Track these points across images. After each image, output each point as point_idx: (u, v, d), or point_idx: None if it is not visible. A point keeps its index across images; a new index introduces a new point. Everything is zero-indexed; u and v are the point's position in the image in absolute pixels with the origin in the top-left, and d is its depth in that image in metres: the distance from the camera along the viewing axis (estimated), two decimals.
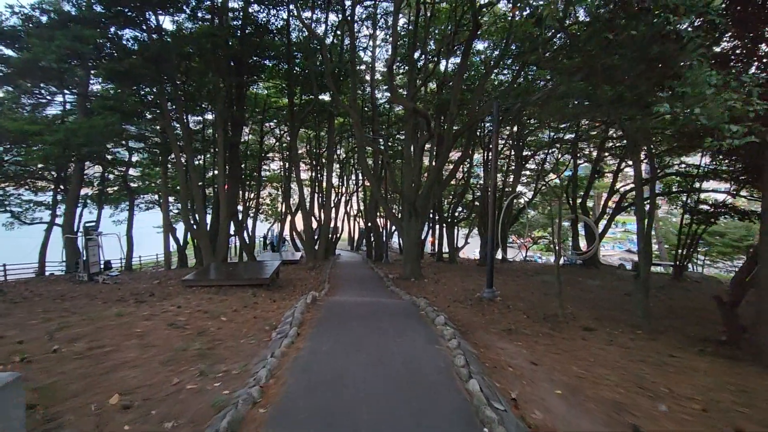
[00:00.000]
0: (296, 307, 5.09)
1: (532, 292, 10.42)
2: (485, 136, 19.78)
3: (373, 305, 6.17)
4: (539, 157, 22.48)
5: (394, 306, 6.27)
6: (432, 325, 4.95)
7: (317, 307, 5.52)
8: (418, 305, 6.15)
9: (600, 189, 27.23)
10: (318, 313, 5.16)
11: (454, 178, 16.51)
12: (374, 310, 5.72)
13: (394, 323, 4.90)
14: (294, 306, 5.30)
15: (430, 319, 5.19)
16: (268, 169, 29.17)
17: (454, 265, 17.55)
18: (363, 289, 9.89)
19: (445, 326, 4.68)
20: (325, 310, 5.36)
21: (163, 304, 6.02)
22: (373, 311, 5.54)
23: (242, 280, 10.24)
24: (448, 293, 9.85)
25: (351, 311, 5.50)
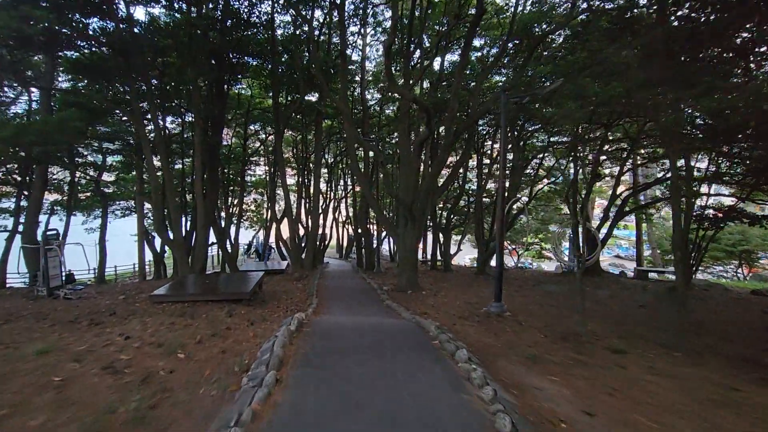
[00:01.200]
0: (277, 337, 4.03)
1: (540, 304, 9.51)
2: (479, 139, 18.99)
3: (370, 329, 5.11)
4: (535, 162, 21.83)
5: (395, 329, 5.22)
6: (450, 360, 3.91)
7: (303, 336, 4.45)
8: (426, 328, 5.13)
9: (593, 194, 26.73)
10: (304, 344, 4.10)
11: (454, 180, 15.61)
12: (373, 337, 4.66)
13: (401, 359, 3.84)
14: (275, 334, 4.23)
15: (446, 352, 4.15)
16: (253, 173, 27.94)
17: (450, 274, 16.58)
18: (355, 304, 8.82)
19: (469, 364, 3.66)
20: (312, 340, 4.28)
21: (113, 331, 4.87)
22: (373, 340, 4.48)
23: (219, 295, 9.08)
24: (449, 307, 8.86)
25: (345, 340, 4.42)
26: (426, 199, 9.98)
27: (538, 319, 8.03)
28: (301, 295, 10.82)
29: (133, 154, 17.05)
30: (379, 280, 14.14)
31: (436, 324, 5.16)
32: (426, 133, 8.38)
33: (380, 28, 17.23)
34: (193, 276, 11.39)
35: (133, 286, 14.57)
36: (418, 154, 10.20)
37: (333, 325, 5.32)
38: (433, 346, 4.32)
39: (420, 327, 5.35)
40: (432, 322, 5.51)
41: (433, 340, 4.57)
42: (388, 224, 11.12)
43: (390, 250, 30.92)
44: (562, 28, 11.70)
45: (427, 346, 4.32)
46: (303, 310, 8.64)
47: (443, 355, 4.07)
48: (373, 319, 6.40)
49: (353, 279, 14.18)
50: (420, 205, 9.94)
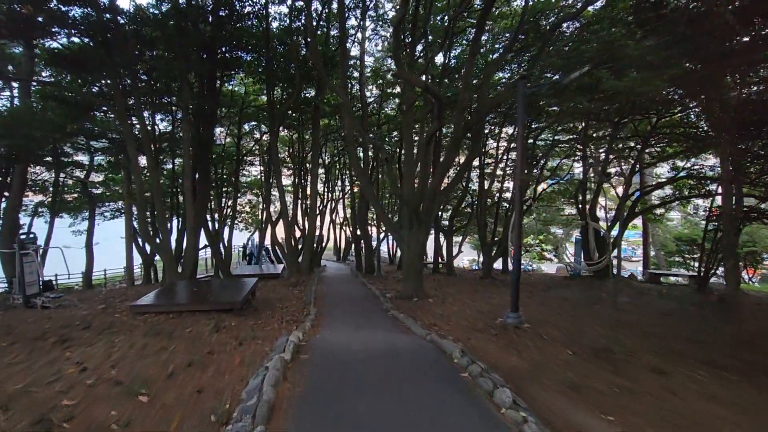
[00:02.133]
0: (267, 369, 3.25)
1: (559, 313, 8.74)
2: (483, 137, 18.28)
3: (380, 354, 4.30)
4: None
5: (410, 353, 4.41)
6: (488, 401, 3.13)
7: (300, 366, 3.64)
8: (447, 351, 4.33)
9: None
10: (301, 379, 3.30)
11: (462, 179, 14.84)
12: (386, 365, 3.85)
13: (426, 402, 3.01)
14: (265, 364, 3.45)
15: (483, 390, 3.31)
16: (248, 174, 27.09)
17: (454, 278, 15.83)
18: (358, 314, 8.02)
19: (516, 411, 2.86)
20: (311, 372, 3.48)
21: (72, 357, 4.05)
22: (386, 371, 3.68)
23: (208, 304, 8.27)
24: (461, 317, 8.08)
25: (351, 370, 3.61)
26: (433, 200, 9.23)
27: (559, 330, 7.27)
28: (298, 303, 10.02)
29: (120, 153, 16.17)
30: (381, 285, 13.35)
31: (459, 347, 4.36)
32: (436, 126, 7.63)
33: (381, 21, 16.51)
34: (182, 283, 10.55)
35: (119, 293, 13.70)
36: (426, 151, 9.42)
37: (335, 347, 4.53)
38: (462, 379, 3.53)
39: (439, 349, 4.55)
40: (454, 344, 4.71)
41: (460, 371, 3.73)
42: (391, 227, 10.34)
43: (389, 251, 30.12)
44: (575, 17, 11.00)
45: (454, 381, 3.50)
46: (299, 321, 7.85)
47: (478, 394, 3.27)
48: (380, 335, 5.62)
49: (353, 284, 13.39)
50: (427, 207, 9.17)
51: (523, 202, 7.21)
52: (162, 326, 7.08)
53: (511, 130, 19.59)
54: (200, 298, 8.67)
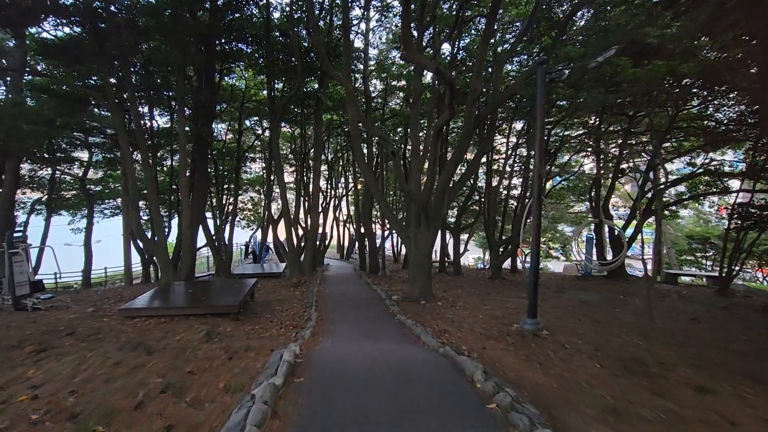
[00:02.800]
0: (254, 400, 2.68)
1: (578, 318, 8.15)
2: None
3: (389, 372, 3.63)
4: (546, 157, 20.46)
5: (423, 371, 3.80)
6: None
7: (294, 392, 3.04)
8: (467, 371, 3.72)
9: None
10: (294, 413, 2.69)
11: (475, 173, 14.22)
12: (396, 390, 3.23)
13: None
14: (252, 390, 2.89)
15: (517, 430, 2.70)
16: (250, 171, 26.57)
17: (462, 279, 15.24)
18: (362, 319, 7.46)
19: None
20: (307, 402, 2.86)
21: (34, 377, 3.51)
22: (397, 397, 3.08)
23: (202, 308, 7.76)
24: (473, 323, 7.51)
25: (353, 401, 2.97)
26: (442, 197, 8.64)
27: (581, 338, 6.68)
28: (299, 305, 9.49)
29: (116, 148, 15.68)
30: (385, 285, 12.80)
31: (481, 368, 3.77)
32: (447, 115, 7.02)
33: (385, 11, 15.88)
34: (178, 284, 10.04)
35: (115, 293, 13.23)
36: (436, 144, 8.80)
37: (337, 363, 3.96)
38: (489, 413, 2.92)
39: (457, 369, 3.95)
40: (473, 361, 4.11)
41: (486, 401, 3.07)
42: (397, 225, 9.77)
43: (393, 249, 29.56)
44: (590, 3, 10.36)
45: (481, 416, 2.84)
46: (299, 326, 7.31)
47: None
48: (387, 347, 5.05)
49: (357, 285, 12.83)
50: (436, 204, 8.58)
51: (541, 198, 6.63)
52: (150, 333, 6.58)
53: (520, 126, 18.99)
54: (195, 301, 8.15)
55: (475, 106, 8.03)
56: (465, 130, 8.00)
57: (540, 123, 6.60)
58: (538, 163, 6.68)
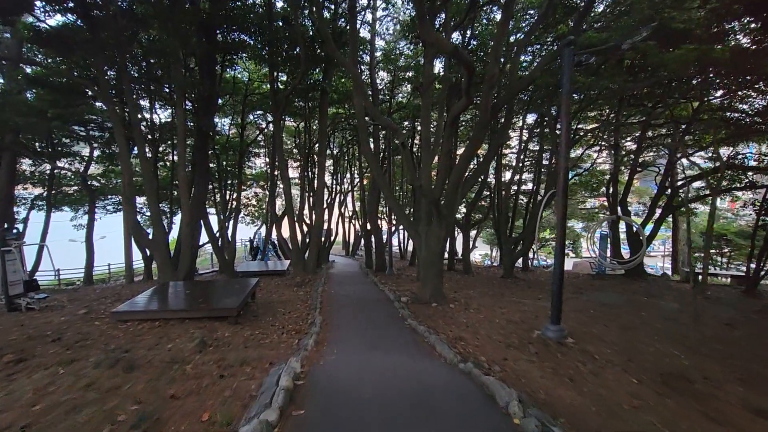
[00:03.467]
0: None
1: (603, 324, 7.54)
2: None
3: (403, 403, 3.05)
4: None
5: (445, 402, 3.13)
6: None
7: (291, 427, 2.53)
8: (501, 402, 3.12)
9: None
10: None
11: (488, 167, 13.58)
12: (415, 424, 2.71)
13: None
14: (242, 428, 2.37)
15: None
16: (254, 166, 26.08)
17: (472, 278, 14.65)
18: (370, 325, 6.91)
19: None
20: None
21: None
22: None
23: (199, 311, 7.27)
24: (490, 328, 6.94)
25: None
26: (456, 192, 8.04)
27: (610, 347, 6.09)
28: (303, 307, 8.98)
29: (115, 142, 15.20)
30: (393, 285, 12.25)
31: (516, 395, 3.19)
32: (464, 102, 6.39)
33: None
34: (176, 284, 9.57)
35: (113, 291, 12.82)
36: (450, 135, 8.13)
37: (343, 386, 3.39)
38: None
39: (485, 393, 3.37)
40: (502, 384, 3.51)
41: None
42: (406, 221, 9.19)
43: (400, 245, 28.98)
44: None
45: None
46: (302, 332, 6.79)
47: None
48: (399, 362, 4.48)
49: (363, 284, 12.30)
50: (449, 199, 7.98)
51: (567, 192, 6.04)
52: (141, 339, 6.11)
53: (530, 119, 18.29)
54: (191, 304, 7.66)
55: (491, 93, 7.39)
56: (481, 121, 7.38)
57: (565, 110, 5.99)
58: (564, 153, 6.07)
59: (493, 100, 7.47)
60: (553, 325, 6.28)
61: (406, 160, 7.83)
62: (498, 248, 35.80)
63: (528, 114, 17.30)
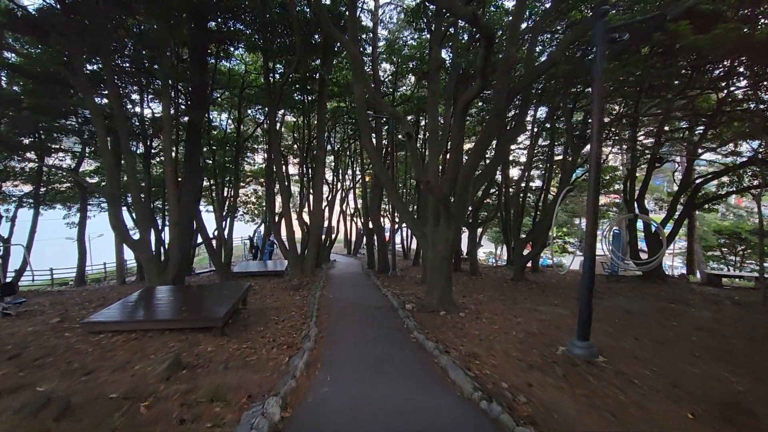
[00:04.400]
0: None
1: (633, 336, 6.72)
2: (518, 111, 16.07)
3: None
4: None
5: None
6: None
7: None
8: None
9: None
10: None
11: (501, 161, 12.69)
12: None
13: None
14: None
15: None
16: (253, 162, 25.32)
17: (480, 279, 13.85)
18: (371, 340, 6.11)
19: None
20: None
21: None
22: None
23: (181, 321, 6.51)
24: (506, 342, 6.14)
25: None
26: (466, 189, 7.22)
27: (648, 367, 5.28)
28: (298, 315, 8.21)
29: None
30: (397, 288, 11.47)
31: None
32: (478, 86, 5.56)
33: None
34: (161, 289, 8.82)
35: (99, 294, 12.12)
36: (460, 124, 7.25)
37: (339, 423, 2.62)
38: None
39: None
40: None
41: None
42: (411, 221, 8.39)
43: (403, 243, 28.17)
44: None
45: None
46: (295, 346, 6.02)
47: None
48: (404, 393, 3.72)
49: (364, 288, 11.53)
50: (459, 197, 7.16)
51: (598, 188, 5.22)
52: (111, 355, 5.39)
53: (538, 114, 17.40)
54: (174, 312, 6.90)
55: (508, 78, 6.54)
56: (495, 108, 6.55)
57: (598, 93, 5.16)
58: (596, 145, 5.25)
59: (510, 86, 6.63)
60: (581, 341, 5.48)
61: (412, 153, 7.01)
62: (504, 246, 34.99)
63: (537, 108, 16.45)
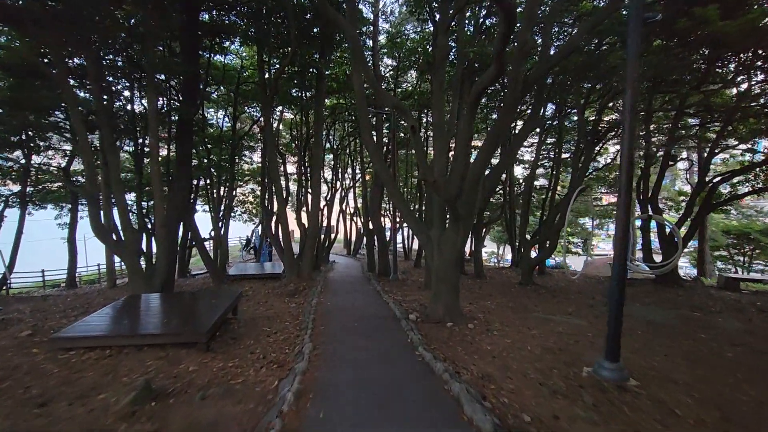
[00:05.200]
0: None
1: (664, 354, 6.06)
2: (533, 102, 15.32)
3: None
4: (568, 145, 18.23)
5: None
6: None
7: None
8: None
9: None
10: None
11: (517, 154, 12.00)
12: None
13: None
14: None
15: None
16: (250, 161, 24.64)
17: (486, 283, 13.19)
18: (372, 359, 5.44)
19: None
20: None
21: None
22: None
23: (160, 336, 5.86)
24: (523, 361, 5.49)
25: None
26: (476, 188, 6.55)
27: (688, 393, 4.63)
28: (292, 325, 7.57)
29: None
30: (399, 294, 10.83)
31: None
32: (492, 73, 4.89)
33: None
34: (144, 298, 8.17)
35: (85, 300, 11.48)
36: (471, 117, 6.50)
37: None
38: None
39: None
40: None
41: None
42: (415, 223, 7.74)
43: (404, 243, 27.49)
44: None
45: None
46: (286, 365, 5.37)
47: None
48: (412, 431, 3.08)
49: (364, 294, 10.87)
50: (468, 197, 6.49)
51: (630, 188, 4.54)
52: (78, 377, 4.78)
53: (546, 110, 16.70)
54: (154, 325, 6.25)
55: (523, 65, 5.89)
56: (508, 99, 5.87)
57: (632, 77, 4.50)
58: (629, 140, 4.60)
59: (524, 75, 5.96)
60: (610, 362, 4.83)
61: (417, 149, 6.34)
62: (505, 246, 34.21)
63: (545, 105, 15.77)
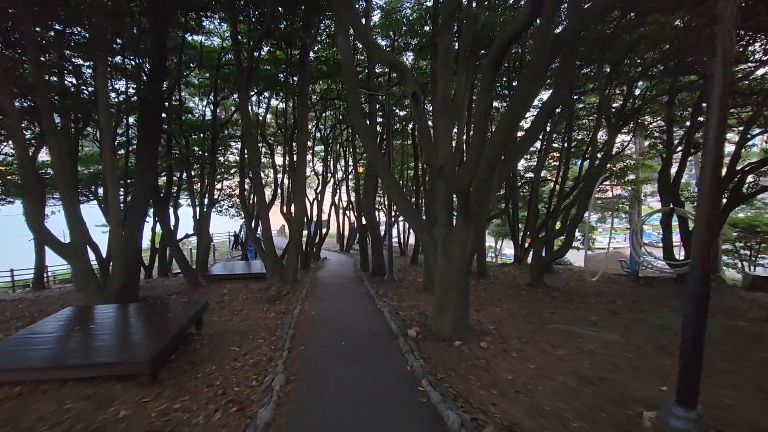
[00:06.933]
0: None
1: (730, 383, 4.84)
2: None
3: None
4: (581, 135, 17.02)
5: None
6: None
7: None
8: None
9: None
10: None
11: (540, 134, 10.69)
12: None
13: None
14: None
15: None
16: (236, 152, 23.17)
17: (490, 283, 11.98)
18: (363, 398, 4.17)
19: None
20: None
21: None
22: None
23: (87, 368, 4.56)
24: (554, 396, 4.24)
25: None
26: (491, 177, 5.23)
27: None
28: (266, 343, 6.27)
29: None
30: (395, 297, 9.57)
31: None
32: (525, 15, 3.57)
33: None
34: (91, 310, 6.83)
35: (38, 307, 10.10)
36: (489, 89, 4.86)
37: None
38: None
39: None
40: None
41: None
42: (416, 221, 6.46)
43: (399, 236, 26.22)
44: None
45: None
46: (248, 406, 4.08)
47: None
48: None
49: (356, 299, 9.60)
50: (481, 189, 5.19)
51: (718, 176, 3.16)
52: None
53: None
54: (85, 352, 4.92)
55: (553, 22, 4.58)
56: (533, 67, 4.54)
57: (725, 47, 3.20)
58: (715, 127, 3.32)
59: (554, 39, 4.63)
60: (684, 408, 3.57)
61: (420, 123, 5.00)
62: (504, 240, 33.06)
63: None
